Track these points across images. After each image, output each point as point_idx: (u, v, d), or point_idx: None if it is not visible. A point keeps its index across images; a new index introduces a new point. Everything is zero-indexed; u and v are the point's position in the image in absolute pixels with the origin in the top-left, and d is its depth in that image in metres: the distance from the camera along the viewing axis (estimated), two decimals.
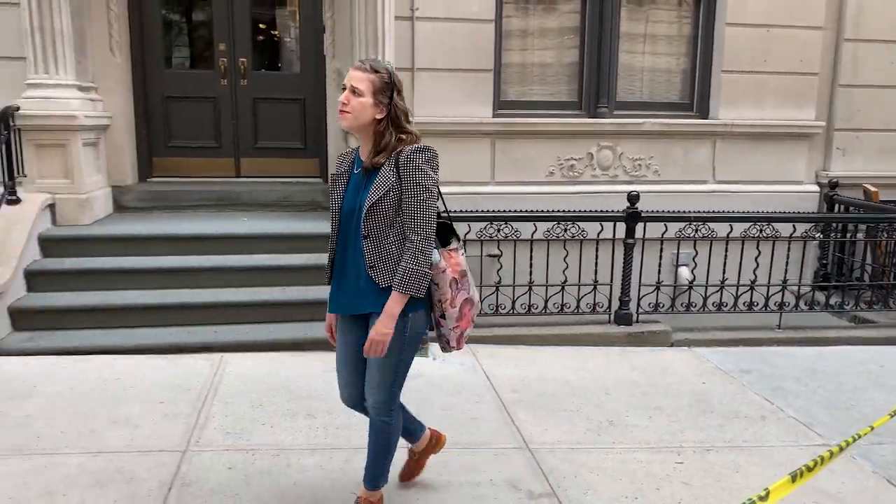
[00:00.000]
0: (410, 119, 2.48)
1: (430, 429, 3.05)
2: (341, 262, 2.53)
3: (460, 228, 5.07)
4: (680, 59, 6.79)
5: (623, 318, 5.31)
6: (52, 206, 5.29)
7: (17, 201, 5.05)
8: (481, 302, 5.21)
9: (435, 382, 4.31)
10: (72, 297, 4.76)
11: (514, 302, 5.31)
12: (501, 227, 5.19)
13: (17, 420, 3.54)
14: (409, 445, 3.02)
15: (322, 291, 4.81)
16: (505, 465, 3.31)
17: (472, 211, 5.21)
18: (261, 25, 6.76)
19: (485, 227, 5.19)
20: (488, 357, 4.79)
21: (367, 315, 2.50)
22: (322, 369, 4.36)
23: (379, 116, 2.38)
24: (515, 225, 5.20)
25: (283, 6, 6.91)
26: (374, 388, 2.57)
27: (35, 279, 4.84)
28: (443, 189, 5.33)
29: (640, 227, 5.30)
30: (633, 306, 5.37)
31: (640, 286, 5.39)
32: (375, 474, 2.72)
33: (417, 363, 4.51)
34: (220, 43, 6.49)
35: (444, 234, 2.65)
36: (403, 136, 2.41)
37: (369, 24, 5.56)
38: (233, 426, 3.59)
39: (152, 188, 6.24)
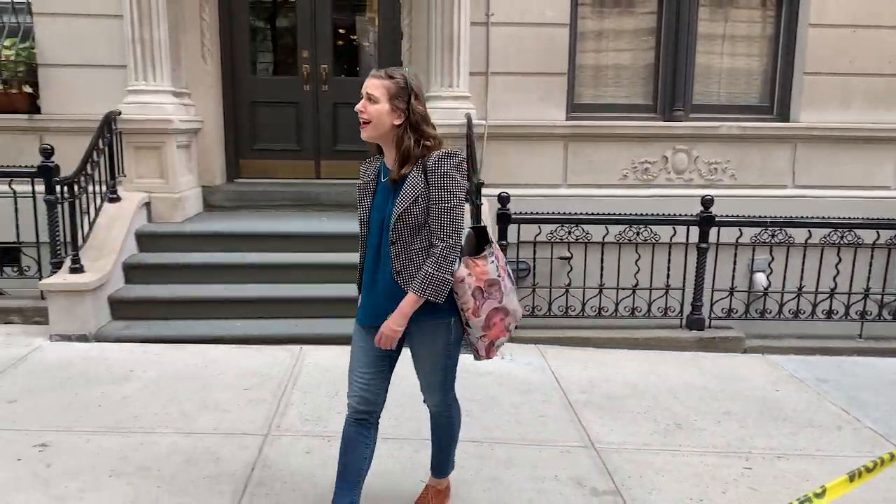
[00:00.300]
0: (432, 124, 2.43)
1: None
2: (372, 272, 2.49)
3: (531, 230, 5.20)
4: (760, 60, 6.66)
5: (695, 322, 5.27)
6: (148, 205, 5.67)
7: (118, 199, 5.45)
8: (551, 304, 5.31)
9: (503, 381, 4.40)
10: (165, 289, 5.11)
11: (583, 304, 5.35)
12: (572, 230, 5.23)
13: (116, 401, 3.84)
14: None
15: None
16: (570, 463, 3.38)
17: (542, 213, 5.27)
18: (341, 32, 7.02)
19: (556, 230, 5.24)
20: (557, 358, 4.85)
21: None
22: None
23: (397, 122, 2.37)
24: (587, 227, 5.24)
25: (362, 13, 7.15)
26: (431, 390, 2.65)
27: (132, 272, 5.22)
28: (513, 191, 5.48)
29: (713, 231, 5.24)
30: (705, 311, 5.31)
31: (712, 291, 5.33)
32: (442, 463, 2.84)
33: (486, 362, 4.66)
34: (304, 50, 6.78)
35: (480, 240, 2.60)
36: (428, 143, 2.38)
37: (445, 30, 5.72)
38: (311, 414, 3.80)
39: (239, 188, 6.59)
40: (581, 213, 5.32)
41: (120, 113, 5.51)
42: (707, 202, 5.20)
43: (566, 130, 6.37)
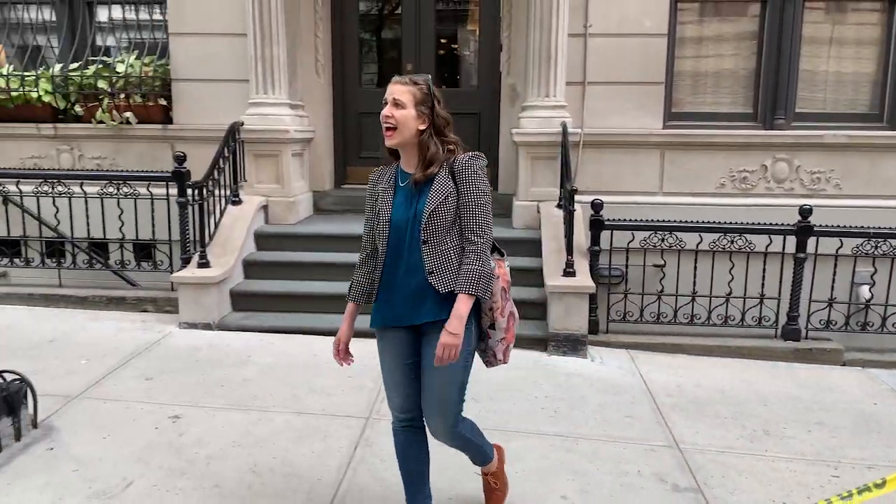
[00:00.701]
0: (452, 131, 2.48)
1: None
2: (390, 275, 2.50)
3: (624, 236, 5.31)
4: (869, 66, 6.45)
5: (790, 333, 5.21)
6: (265, 207, 6.18)
7: (240, 202, 5.98)
8: (643, 310, 5.40)
9: (592, 383, 4.54)
10: (279, 285, 5.57)
11: (675, 311, 5.39)
12: (665, 237, 5.30)
13: (237, 382, 4.28)
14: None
15: None
16: (653, 460, 3.50)
17: (636, 220, 5.37)
18: (443, 43, 7.35)
19: (648, 237, 5.33)
20: (647, 363, 4.94)
21: (418, 326, 2.48)
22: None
23: (422, 127, 2.41)
24: (680, 235, 5.29)
25: (464, 26, 7.45)
26: (439, 411, 2.52)
27: (250, 268, 5.72)
28: (609, 199, 5.63)
29: (812, 241, 5.17)
30: (801, 322, 5.24)
31: (810, 302, 5.26)
32: (480, 457, 2.85)
33: (577, 364, 4.85)
34: (407, 63, 7.15)
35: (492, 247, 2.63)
36: (452, 147, 2.45)
37: (543, 43, 5.92)
38: None
39: (345, 193, 7.03)
40: (676, 221, 5.37)
41: (243, 124, 6.04)
42: (805, 212, 5.14)
43: (663, 139, 6.41)
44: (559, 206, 5.75)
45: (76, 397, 3.97)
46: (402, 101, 2.39)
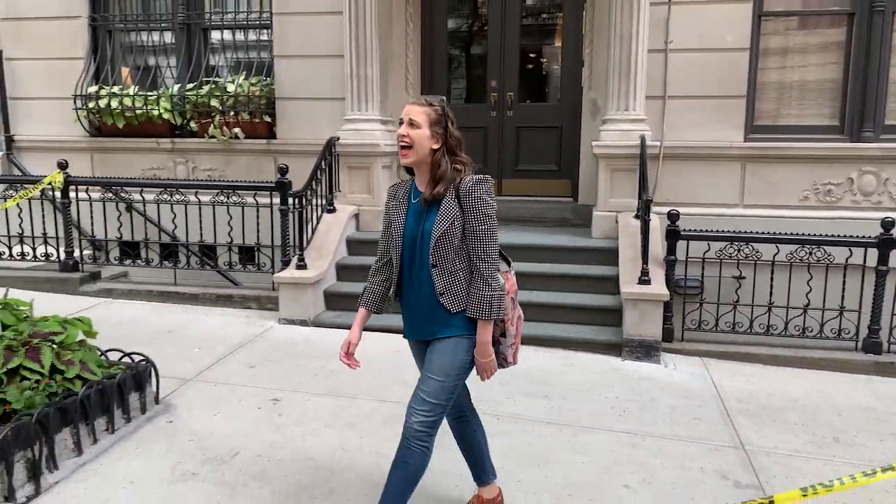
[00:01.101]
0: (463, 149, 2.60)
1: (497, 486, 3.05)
2: (405, 289, 2.66)
3: (700, 247, 5.40)
4: None
5: (871, 346, 5.16)
6: (357, 216, 6.64)
7: (334, 210, 6.47)
8: (718, 319, 5.48)
9: (664, 387, 4.69)
10: None
11: (751, 321, 5.44)
12: (742, 248, 5.37)
13: (329, 372, 4.69)
14: (476, 490, 3.04)
15: (563, 297, 5.49)
16: (717, 459, 3.64)
17: (711, 230, 5.47)
18: (527, 60, 7.64)
19: (725, 247, 5.41)
20: (720, 370, 5.02)
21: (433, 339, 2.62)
22: (559, 363, 5.01)
23: (435, 146, 2.52)
24: (757, 245, 5.35)
25: (548, 43, 7.72)
26: (422, 401, 2.57)
27: (343, 271, 6.18)
28: (689, 210, 5.78)
29: (894, 254, 5.11)
30: (883, 335, 5.19)
31: (892, 316, 5.19)
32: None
33: (650, 369, 5.00)
34: (492, 79, 7.50)
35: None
36: (459, 167, 2.55)
37: (623, 58, 6.12)
38: (482, 396, 4.29)
39: None
40: (755, 233, 5.42)
41: (338, 138, 6.54)
42: (888, 224, 5.10)
43: (744, 151, 6.46)
44: (637, 216, 5.90)
45: (190, 380, 4.48)
46: (417, 122, 2.51)
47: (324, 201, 6.40)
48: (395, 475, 2.59)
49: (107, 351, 3.96)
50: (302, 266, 5.83)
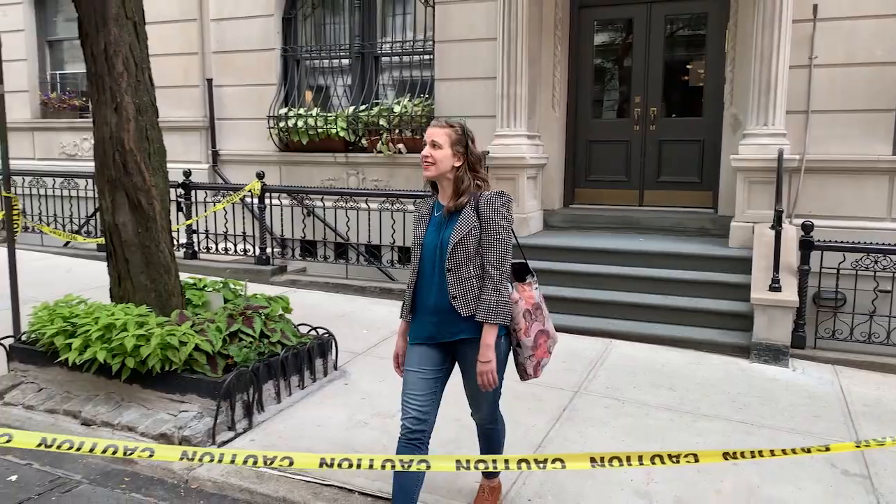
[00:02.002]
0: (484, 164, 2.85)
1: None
2: (421, 296, 2.80)
3: (837, 257, 5.53)
4: None
5: None
6: None
7: None
8: (853, 329, 5.58)
9: (788, 387, 4.93)
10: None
11: (889, 332, 5.48)
12: (879, 259, 5.44)
13: None
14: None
15: (701, 303, 5.83)
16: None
17: (848, 242, 5.58)
18: (670, 77, 7.96)
19: (860, 259, 5.50)
20: (850, 377, 5.15)
21: (446, 343, 2.78)
22: (687, 362, 5.38)
23: (457, 164, 2.72)
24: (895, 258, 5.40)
25: (692, 60, 7.99)
26: (479, 405, 2.90)
27: None
28: (829, 223, 5.98)
29: None
30: None
31: None
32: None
33: (777, 371, 5.25)
34: (636, 96, 7.90)
35: (522, 271, 2.94)
36: (480, 182, 2.75)
37: (763, 75, 6.35)
38: (611, 384, 4.88)
39: (572, 212, 7.95)
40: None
41: (488, 152, 7.26)
42: None
43: (892, 165, 6.42)
44: (772, 226, 6.10)
45: (360, 354, 5.35)
46: (439, 143, 2.71)
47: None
48: (482, 448, 3.09)
49: (298, 325, 4.90)
50: None
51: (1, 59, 4.55)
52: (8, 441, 2.16)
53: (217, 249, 8.04)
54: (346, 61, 9.00)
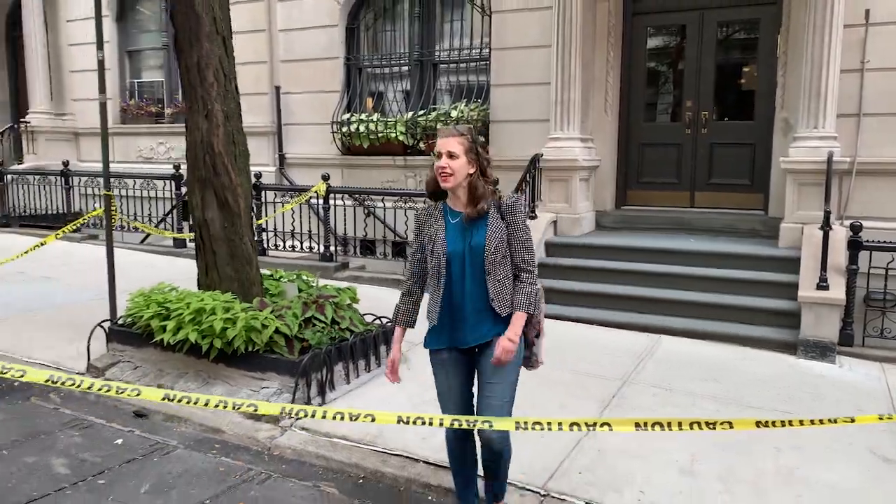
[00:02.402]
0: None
1: None
2: (449, 301, 2.85)
3: (883, 258, 5.62)
4: None
5: None
6: (555, 222, 7.59)
7: (535, 217, 7.47)
8: None
9: (834, 382, 5.09)
10: (563, 284, 6.89)
11: None
12: None
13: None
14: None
15: (749, 301, 6.00)
16: (871, 439, 4.06)
17: (891, 242, 5.69)
18: (722, 82, 8.11)
19: None
20: None
21: (472, 348, 2.91)
22: (734, 356, 5.58)
23: (471, 171, 2.77)
24: None
25: (743, 65, 8.12)
26: (501, 410, 2.86)
27: (540, 269, 7.11)
28: (882, 224, 6.19)
29: None
30: None
31: None
32: (503, 485, 3.19)
33: (823, 367, 5.40)
34: (688, 100, 8.08)
35: None
36: (491, 186, 2.85)
37: (813, 79, 6.48)
38: (657, 375, 5.11)
39: (624, 213, 8.17)
40: None
41: (542, 155, 7.55)
42: None
43: None
44: (821, 227, 6.22)
45: (417, 344, 5.65)
46: (455, 153, 2.75)
47: (526, 209, 7.43)
48: (490, 465, 3.06)
49: (363, 315, 5.29)
50: None
51: (104, 71, 5.08)
52: (138, 395, 2.58)
53: (284, 247, 8.54)
54: (405, 68, 9.42)
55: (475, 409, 2.97)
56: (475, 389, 3.01)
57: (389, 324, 5.27)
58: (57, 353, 5.29)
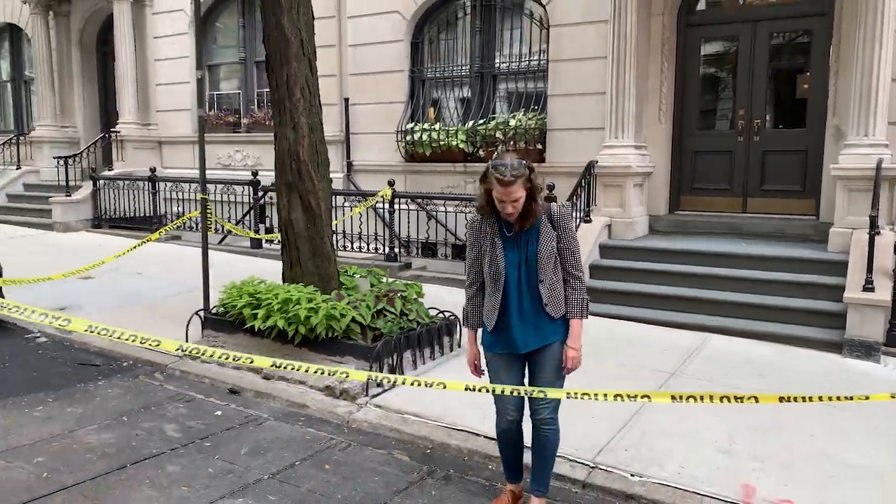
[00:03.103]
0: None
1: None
2: (505, 308, 3.06)
3: None
4: None
5: None
6: (609, 226, 7.95)
7: (590, 221, 7.85)
8: None
9: (877, 380, 5.34)
10: (615, 284, 7.25)
11: None
12: None
13: (597, 346, 6.06)
14: (513, 485, 3.45)
15: (796, 302, 6.25)
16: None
17: None
18: (773, 91, 8.31)
19: None
20: None
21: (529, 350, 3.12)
22: (780, 354, 5.85)
23: (524, 196, 2.96)
24: None
25: (795, 74, 8.30)
26: (549, 405, 3.13)
27: (595, 270, 7.52)
28: None
29: None
30: None
31: None
32: (546, 477, 3.34)
33: (867, 366, 5.63)
34: (740, 108, 8.31)
35: None
36: (539, 200, 3.02)
37: (864, 87, 6.68)
38: (704, 372, 5.43)
39: (677, 218, 8.46)
40: None
41: (597, 162, 7.92)
42: None
43: None
44: (868, 231, 6.41)
45: None
46: (518, 197, 2.94)
47: (581, 213, 7.82)
48: (540, 454, 3.26)
49: (429, 308, 5.78)
50: None
51: (205, 89, 5.72)
52: (251, 362, 3.12)
53: (352, 248, 9.13)
54: (465, 79, 9.92)
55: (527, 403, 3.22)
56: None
57: (452, 317, 5.76)
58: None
